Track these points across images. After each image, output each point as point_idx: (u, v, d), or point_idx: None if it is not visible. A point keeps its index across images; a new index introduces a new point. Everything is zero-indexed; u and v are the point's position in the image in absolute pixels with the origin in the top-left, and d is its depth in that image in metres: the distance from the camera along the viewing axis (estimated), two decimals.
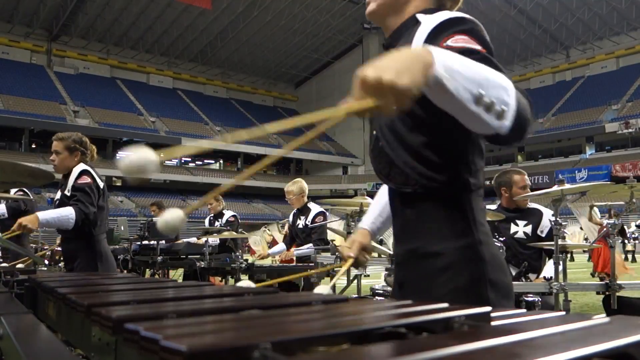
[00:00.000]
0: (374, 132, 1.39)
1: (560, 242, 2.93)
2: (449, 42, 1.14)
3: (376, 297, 3.69)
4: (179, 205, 42.22)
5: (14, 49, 45.19)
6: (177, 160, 48.41)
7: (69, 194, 3.31)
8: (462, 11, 1.46)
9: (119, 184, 43.77)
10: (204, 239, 5.58)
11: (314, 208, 5.54)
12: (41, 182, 2.85)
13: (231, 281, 5.34)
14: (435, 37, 1.19)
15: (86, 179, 3.29)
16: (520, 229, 3.73)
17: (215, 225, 6.71)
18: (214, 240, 6.42)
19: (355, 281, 4.10)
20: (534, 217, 3.71)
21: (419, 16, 1.33)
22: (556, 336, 0.57)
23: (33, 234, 10.12)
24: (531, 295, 3.15)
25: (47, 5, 42.49)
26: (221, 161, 53.01)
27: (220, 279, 5.69)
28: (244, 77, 56.31)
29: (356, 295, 3.67)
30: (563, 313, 0.76)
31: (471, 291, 1.25)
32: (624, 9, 43.89)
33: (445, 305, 0.77)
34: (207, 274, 5.23)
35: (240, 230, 6.67)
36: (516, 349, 0.51)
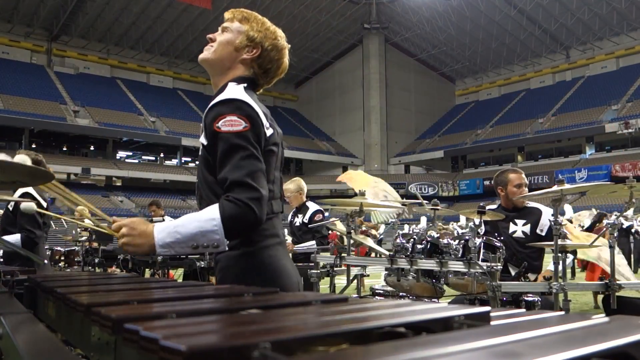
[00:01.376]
0: None
1: (560, 242, 2.93)
2: (220, 124, 1.57)
3: (376, 297, 3.69)
4: (179, 205, 42.02)
5: (14, 48, 45.17)
6: (177, 160, 48.42)
7: (11, 209, 3.80)
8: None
9: (119, 183, 43.79)
10: None
11: (312, 206, 5.56)
12: (41, 182, 2.86)
13: None
14: (209, 116, 1.62)
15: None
16: (519, 228, 3.73)
17: None
18: None
19: (355, 281, 4.10)
20: (533, 216, 3.71)
21: (230, 84, 1.74)
22: (556, 336, 0.57)
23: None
24: (531, 295, 3.16)
25: (47, 5, 42.47)
26: None
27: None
28: None
29: (356, 295, 3.67)
30: (562, 313, 0.76)
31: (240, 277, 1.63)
32: (624, 9, 43.88)
33: (445, 305, 0.77)
34: (207, 274, 5.23)
35: None
36: (516, 348, 0.51)
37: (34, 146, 42.72)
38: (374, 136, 53.67)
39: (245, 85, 1.76)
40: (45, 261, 4.02)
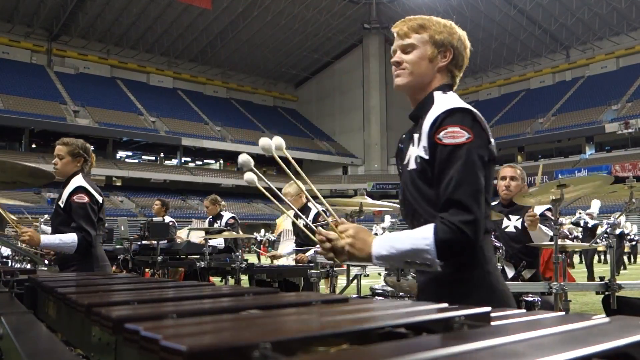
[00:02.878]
0: (401, 187, 1.74)
1: (560, 242, 2.93)
2: (441, 136, 1.51)
3: (376, 297, 3.69)
4: (179, 205, 41.91)
5: (14, 48, 45.17)
6: (177, 160, 48.42)
7: (62, 206, 3.29)
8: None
9: (119, 183, 43.79)
10: (203, 240, 5.58)
11: (314, 207, 5.53)
12: (41, 182, 2.86)
13: (231, 281, 5.34)
14: (434, 127, 1.54)
15: (83, 198, 3.24)
16: (511, 223, 3.76)
17: (215, 226, 6.71)
18: (219, 242, 6.42)
19: (355, 281, 4.10)
20: (525, 210, 3.72)
21: (436, 94, 1.66)
22: (556, 336, 0.57)
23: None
24: (531, 295, 3.15)
25: (47, 5, 42.47)
26: (221, 161, 53.02)
27: (220, 279, 5.69)
28: (244, 77, 56.31)
29: (356, 295, 3.67)
30: (563, 313, 0.76)
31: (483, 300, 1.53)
32: (624, 9, 43.86)
33: (445, 305, 0.77)
34: (207, 274, 5.23)
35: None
36: (516, 349, 0.51)
37: (34, 146, 42.76)
38: (374, 136, 53.66)
39: (451, 92, 1.69)
40: (108, 263, 3.63)
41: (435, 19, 1.71)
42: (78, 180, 3.32)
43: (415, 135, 1.63)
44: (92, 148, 3.59)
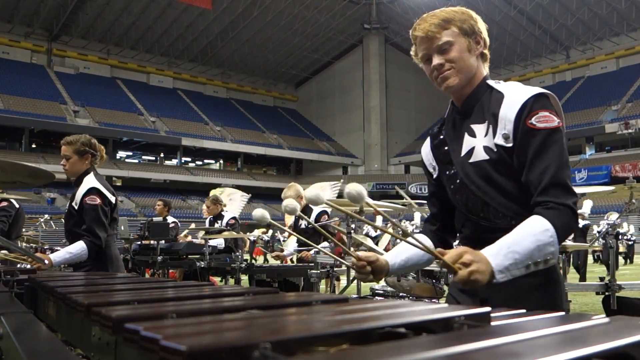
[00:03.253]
0: (458, 179, 1.65)
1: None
2: (533, 120, 1.47)
3: (376, 297, 3.69)
4: (179, 205, 41.82)
5: (14, 48, 45.17)
6: (177, 160, 48.42)
7: (76, 207, 3.25)
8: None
9: (119, 183, 43.77)
10: (203, 240, 5.58)
11: (316, 208, 5.53)
12: (41, 182, 2.85)
13: (231, 281, 5.34)
14: (523, 112, 1.50)
15: (95, 200, 3.20)
16: None
17: (215, 227, 6.71)
18: (219, 242, 6.42)
19: (355, 281, 4.10)
20: None
21: (491, 82, 1.63)
22: (556, 336, 0.57)
23: (33, 234, 10.13)
24: None
25: (47, 5, 42.46)
26: (221, 161, 53.02)
27: (220, 279, 5.69)
28: (244, 77, 56.31)
29: (356, 295, 3.67)
30: (563, 313, 0.76)
31: (553, 307, 1.44)
32: (624, 10, 43.86)
33: (445, 305, 0.77)
34: (207, 274, 5.23)
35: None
36: (516, 349, 0.51)
37: (34, 146, 42.76)
38: (374, 136, 53.66)
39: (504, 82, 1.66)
40: (122, 263, 3.57)
41: (451, 10, 1.64)
42: (90, 181, 3.28)
43: (479, 126, 1.59)
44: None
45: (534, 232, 1.35)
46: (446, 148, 1.70)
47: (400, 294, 3.57)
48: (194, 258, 5.85)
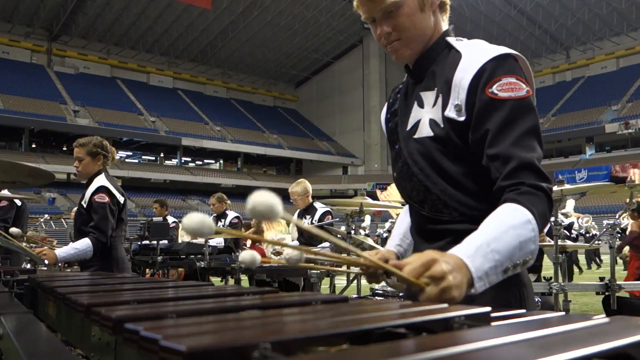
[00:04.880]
0: (402, 158, 1.37)
1: (560, 242, 2.93)
2: (494, 89, 1.19)
3: (376, 297, 3.69)
4: (179, 205, 41.85)
5: (14, 48, 45.18)
6: (177, 160, 48.42)
7: (85, 206, 3.28)
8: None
9: (119, 183, 43.69)
10: (203, 240, 5.57)
11: (320, 207, 5.53)
12: (41, 182, 2.85)
13: (231, 281, 5.34)
14: (481, 78, 1.22)
15: (104, 198, 3.24)
16: None
17: (219, 225, 6.71)
18: (219, 241, 6.42)
19: (355, 281, 4.10)
20: None
21: (450, 40, 1.35)
22: (556, 336, 0.57)
23: (32, 234, 10.13)
24: None
25: (47, 5, 42.47)
26: (221, 161, 53.03)
27: (220, 279, 5.69)
28: (244, 77, 56.32)
29: (356, 295, 3.67)
30: (563, 313, 0.76)
31: (511, 297, 1.28)
32: (624, 9, 43.87)
33: (445, 305, 0.77)
34: (207, 274, 5.23)
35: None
36: (516, 349, 0.51)
37: (34, 146, 42.77)
38: (374, 136, 53.69)
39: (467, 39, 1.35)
40: (128, 266, 3.60)
41: None
42: (100, 180, 3.33)
43: (428, 94, 1.31)
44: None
45: (514, 224, 1.06)
46: (396, 119, 1.42)
47: (400, 294, 3.57)
48: (194, 258, 5.84)
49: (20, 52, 45.51)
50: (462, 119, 1.23)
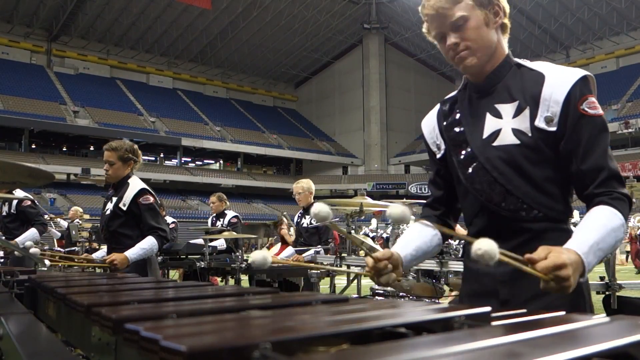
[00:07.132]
0: (474, 164, 1.50)
1: None
2: (585, 106, 1.39)
3: (376, 297, 3.69)
4: (179, 205, 41.76)
5: (14, 49, 45.15)
6: (177, 161, 48.42)
7: (125, 208, 3.34)
8: None
9: None
10: (203, 240, 5.58)
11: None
12: (41, 182, 2.85)
13: (231, 281, 5.34)
14: (573, 96, 1.40)
15: (149, 199, 3.37)
16: None
17: (217, 225, 6.71)
18: (220, 243, 6.41)
19: (355, 281, 4.10)
20: None
21: (521, 62, 1.52)
22: (556, 336, 0.57)
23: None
24: None
25: (47, 5, 42.45)
26: (221, 161, 53.02)
27: (220, 279, 5.69)
28: (244, 77, 56.30)
29: (356, 295, 3.67)
30: (563, 313, 0.76)
31: (576, 304, 1.41)
32: (624, 9, 43.87)
33: (445, 305, 0.77)
34: (207, 274, 5.23)
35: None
36: (516, 349, 0.51)
37: (33, 146, 42.76)
38: (374, 136, 53.67)
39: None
40: (157, 267, 3.63)
41: None
42: (138, 183, 3.44)
43: (506, 106, 1.45)
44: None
45: (613, 227, 1.29)
46: (461, 129, 1.54)
47: (401, 294, 3.57)
48: (194, 258, 5.84)
49: (19, 53, 45.48)
50: (552, 129, 1.40)
